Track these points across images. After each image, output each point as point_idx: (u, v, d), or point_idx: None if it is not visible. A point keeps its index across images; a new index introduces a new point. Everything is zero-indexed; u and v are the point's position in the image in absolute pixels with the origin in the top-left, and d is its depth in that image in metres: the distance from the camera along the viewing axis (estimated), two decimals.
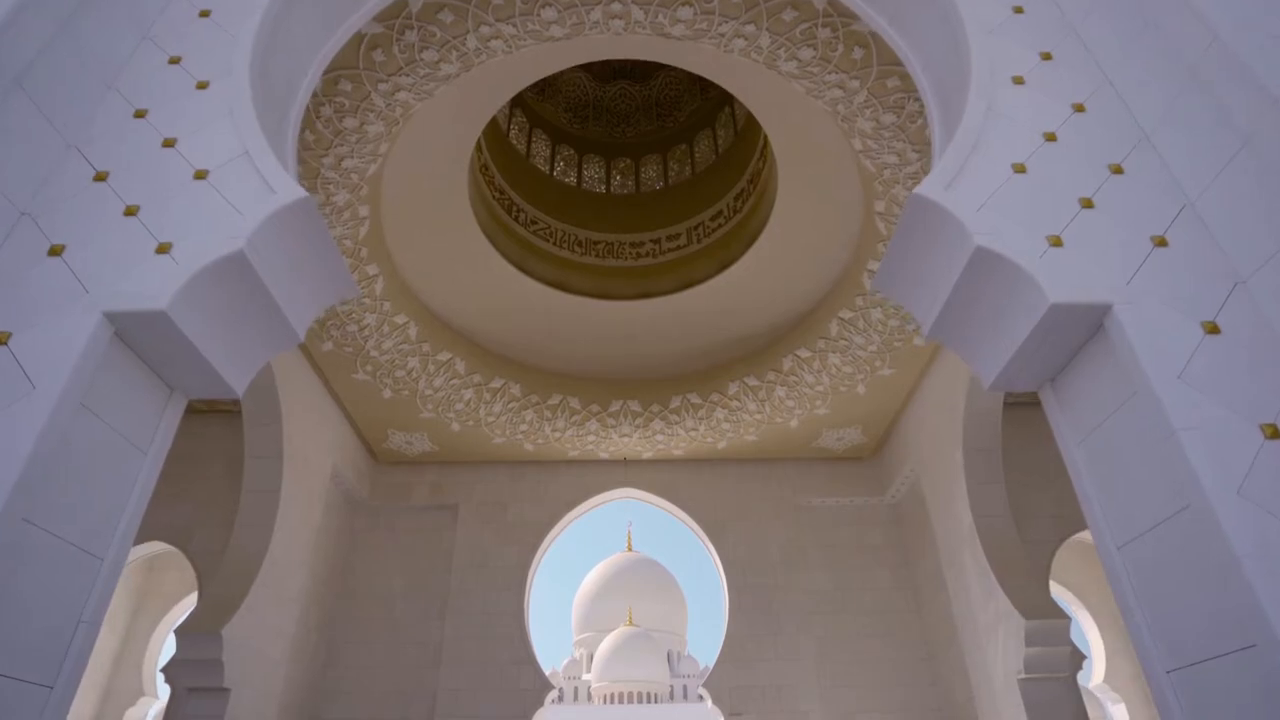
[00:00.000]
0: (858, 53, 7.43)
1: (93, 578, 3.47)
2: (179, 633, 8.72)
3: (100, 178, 3.98)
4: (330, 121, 7.89)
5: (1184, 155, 4.01)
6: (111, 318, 3.53)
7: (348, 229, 8.94)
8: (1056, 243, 3.77)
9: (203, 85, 4.42)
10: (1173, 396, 3.30)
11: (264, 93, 4.58)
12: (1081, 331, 3.71)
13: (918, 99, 7.75)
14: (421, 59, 7.54)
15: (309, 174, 8.21)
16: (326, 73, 7.44)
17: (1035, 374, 3.99)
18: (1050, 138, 4.21)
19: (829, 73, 7.66)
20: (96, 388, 3.49)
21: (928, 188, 4.00)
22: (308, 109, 7.65)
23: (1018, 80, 4.50)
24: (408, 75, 7.65)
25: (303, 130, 7.85)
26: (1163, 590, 3.35)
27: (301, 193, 3.95)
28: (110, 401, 3.59)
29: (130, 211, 3.85)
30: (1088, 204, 3.92)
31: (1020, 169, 4.08)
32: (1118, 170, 4.05)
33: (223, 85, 4.40)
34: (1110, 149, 4.15)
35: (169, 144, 4.13)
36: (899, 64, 7.44)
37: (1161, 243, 3.78)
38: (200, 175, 4.00)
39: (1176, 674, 3.25)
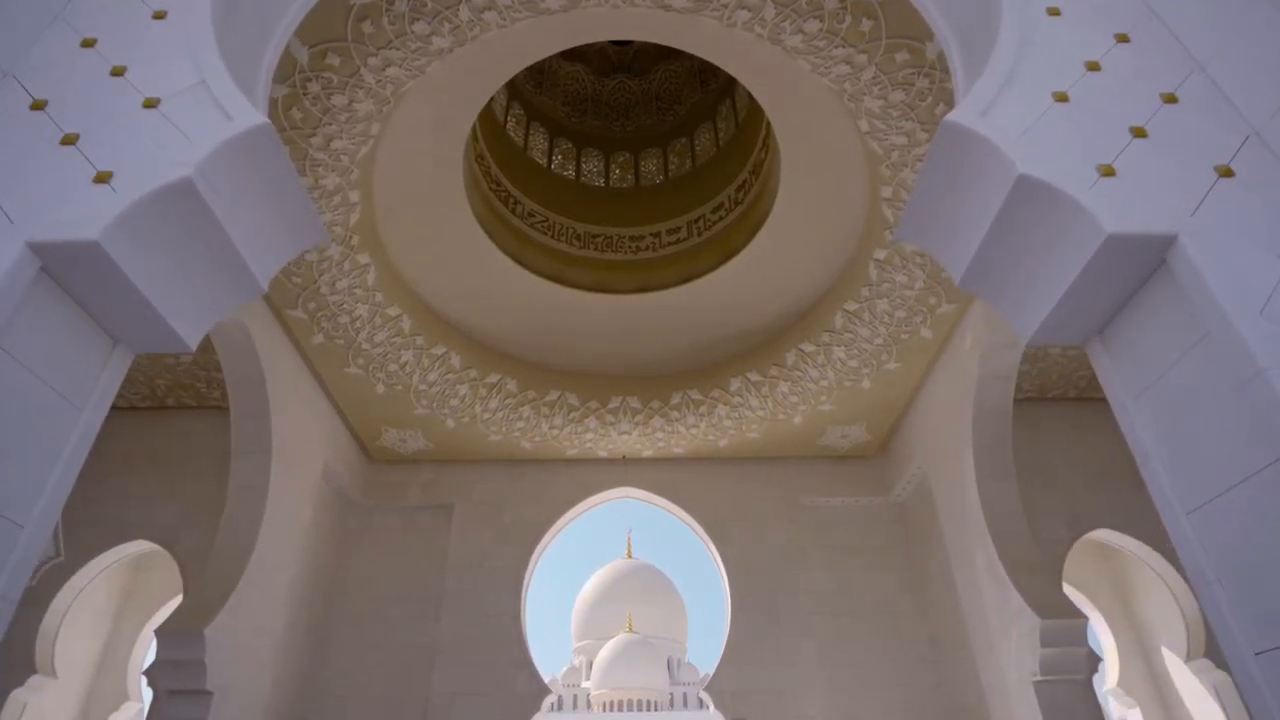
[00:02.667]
0: (865, 24, 6.95)
1: (10, 547, 2.93)
2: (159, 633, 8.16)
3: (38, 106, 3.47)
4: (318, 99, 7.39)
5: (1246, 82, 3.51)
6: (37, 249, 3.00)
7: (338, 215, 8.44)
8: (1109, 172, 3.26)
9: (160, 15, 3.91)
10: (1256, 333, 2.77)
11: (231, 28, 4.08)
12: (1140, 269, 3.18)
13: (927, 75, 7.29)
14: (412, 31, 7.06)
15: (297, 155, 7.71)
16: (313, 46, 7.00)
17: (1082, 323, 3.47)
18: (1093, 67, 3.70)
19: (836, 46, 7.18)
20: (19, 329, 2.96)
21: (961, 115, 3.49)
22: (294, 85, 7.22)
23: (1053, 12, 3.99)
24: (398, 49, 7.17)
25: (289, 108, 7.38)
26: (1249, 558, 2.80)
27: (261, 119, 3.44)
28: (36, 347, 3.06)
29: (68, 140, 3.34)
30: (1140, 133, 3.41)
31: (1062, 98, 3.57)
32: (1171, 99, 3.55)
33: (182, 15, 3.88)
34: (1161, 78, 3.64)
35: (118, 73, 3.62)
36: (908, 37, 7.01)
37: (1227, 173, 3.27)
38: (150, 104, 3.49)
39: (1267, 656, 2.71)
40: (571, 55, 11.71)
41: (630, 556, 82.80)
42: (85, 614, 10.82)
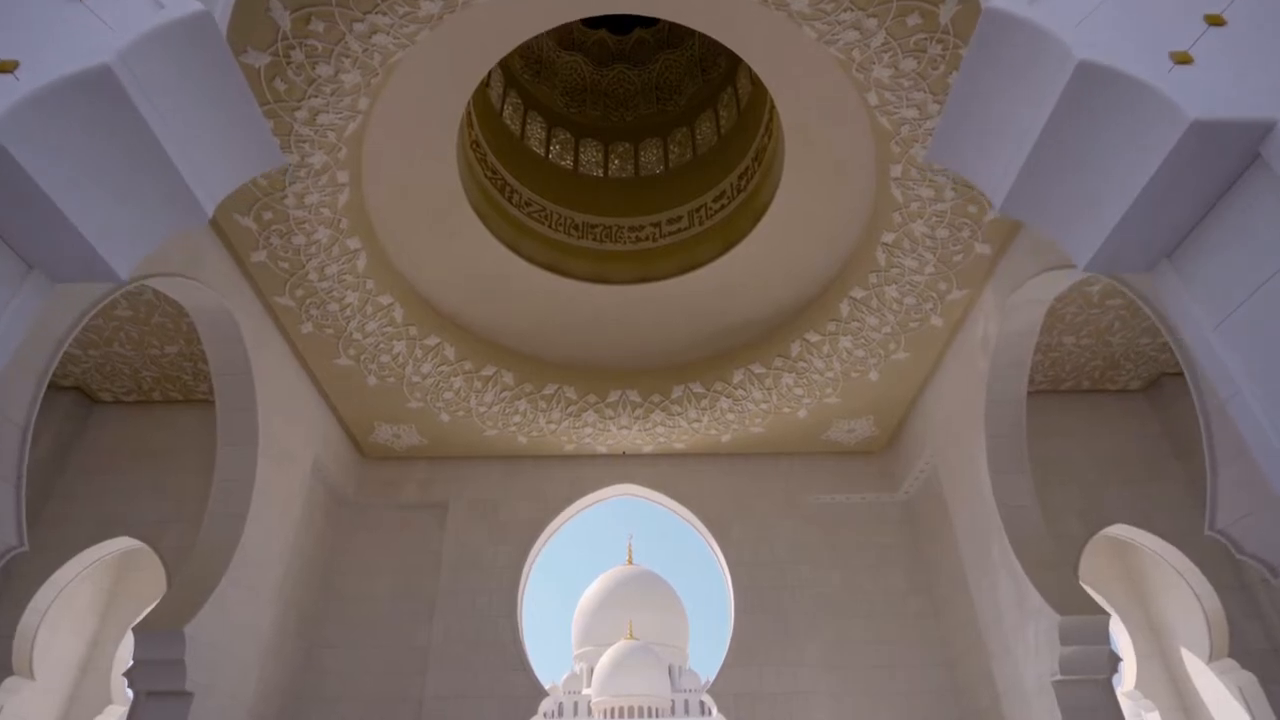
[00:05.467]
0: None
1: None
2: (137, 631, 7.57)
3: None
4: (302, 68, 6.85)
5: None
6: None
7: (325, 195, 7.90)
8: (1184, 59, 2.70)
9: None
10: None
11: None
12: (1227, 165, 2.61)
13: (940, 40, 6.76)
14: None
15: (281, 130, 7.17)
16: (295, 10, 6.47)
17: (1151, 242, 2.89)
18: None
19: (844, 10, 6.65)
20: None
21: (1005, 1, 2.94)
22: (277, 54, 6.69)
23: None
24: (385, 14, 6.64)
25: (272, 78, 6.84)
26: None
27: (198, 6, 2.89)
28: None
29: None
30: (1217, 21, 2.85)
31: None
32: None
33: None
34: None
35: None
36: None
37: None
38: None
39: None
40: (570, 44, 11.25)
41: (631, 563, 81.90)
42: (67, 613, 10.19)
